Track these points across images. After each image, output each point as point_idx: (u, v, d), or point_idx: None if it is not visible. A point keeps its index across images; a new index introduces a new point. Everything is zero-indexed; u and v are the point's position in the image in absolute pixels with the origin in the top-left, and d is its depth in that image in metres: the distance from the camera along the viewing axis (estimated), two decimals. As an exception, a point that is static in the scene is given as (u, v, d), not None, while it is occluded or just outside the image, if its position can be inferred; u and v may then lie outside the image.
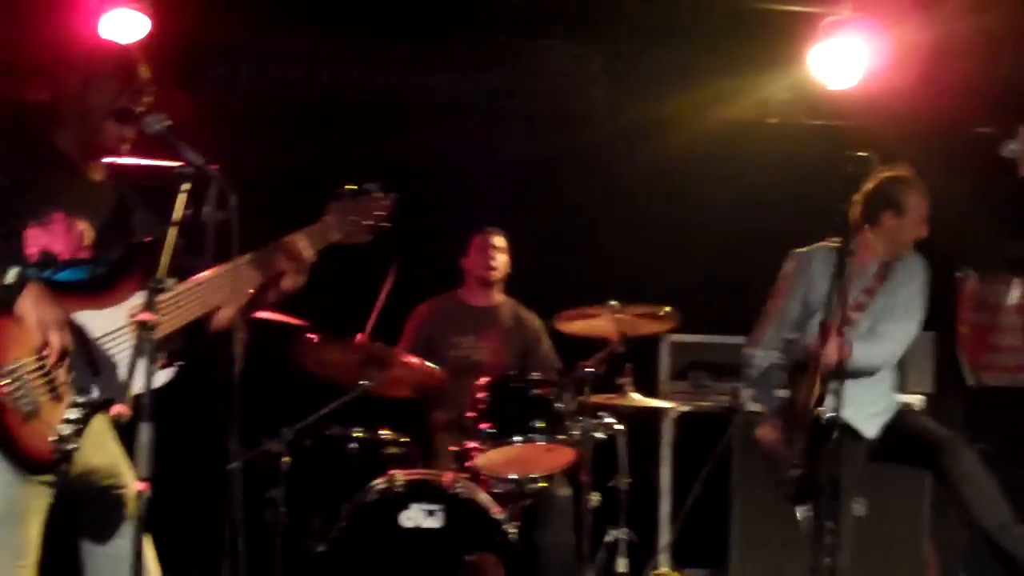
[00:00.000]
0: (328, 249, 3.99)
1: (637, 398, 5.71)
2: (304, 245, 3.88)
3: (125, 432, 3.41)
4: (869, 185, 5.25)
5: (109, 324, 3.59)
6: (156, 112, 3.67)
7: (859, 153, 4.55)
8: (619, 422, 5.64)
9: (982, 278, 7.52)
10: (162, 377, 3.57)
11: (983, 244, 7.48)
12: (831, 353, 4.67)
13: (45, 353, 3.42)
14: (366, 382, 5.35)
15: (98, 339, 3.57)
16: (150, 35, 6.20)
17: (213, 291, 3.73)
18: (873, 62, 6.62)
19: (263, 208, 6.42)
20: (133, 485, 3.62)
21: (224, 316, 3.86)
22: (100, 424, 3.63)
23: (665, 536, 6.61)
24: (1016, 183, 6.76)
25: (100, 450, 3.71)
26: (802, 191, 6.64)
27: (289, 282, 3.87)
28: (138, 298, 3.57)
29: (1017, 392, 7.39)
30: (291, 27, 7.31)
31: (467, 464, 5.36)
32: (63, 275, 3.63)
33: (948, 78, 6.95)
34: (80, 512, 3.73)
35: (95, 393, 3.54)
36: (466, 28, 7.32)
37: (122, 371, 3.48)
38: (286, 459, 5.23)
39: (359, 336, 5.55)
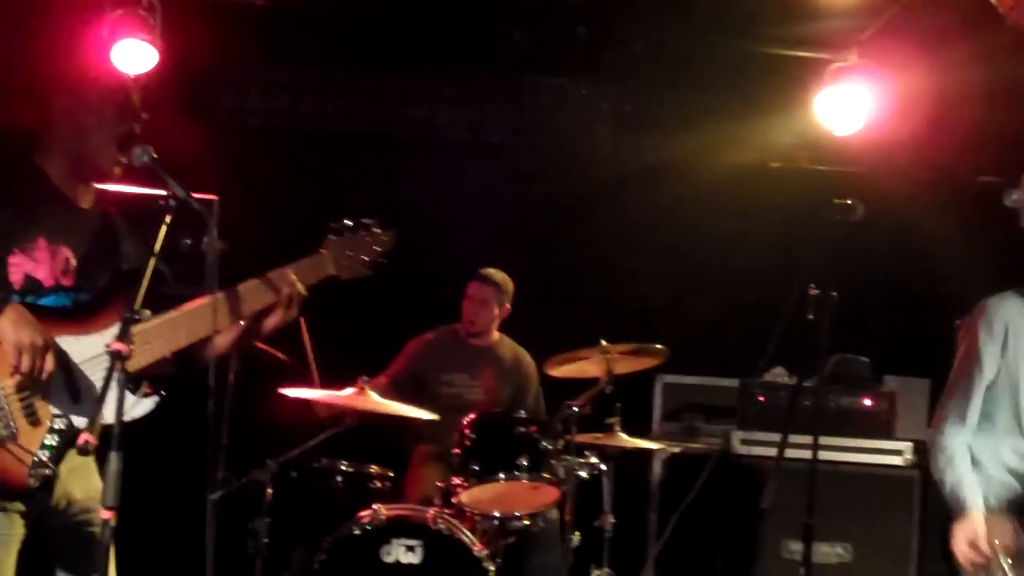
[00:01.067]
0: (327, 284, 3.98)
1: (624, 438, 5.71)
2: (295, 278, 3.84)
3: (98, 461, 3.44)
4: None
5: (90, 351, 3.62)
6: (143, 144, 3.69)
7: (845, 200, 4.53)
8: (605, 462, 5.64)
9: (980, 327, 7.49)
10: (144, 407, 3.61)
11: (982, 293, 7.45)
12: None
13: (19, 376, 3.44)
14: (352, 421, 5.37)
15: (79, 365, 3.60)
16: (160, 65, 6.28)
17: (197, 321, 3.71)
18: (877, 109, 6.62)
19: (267, 238, 6.58)
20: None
21: (221, 344, 3.88)
22: (85, 457, 3.65)
23: (649, 577, 6.60)
24: (1017, 233, 6.78)
25: (82, 482, 3.73)
26: (802, 236, 6.65)
27: (280, 315, 3.85)
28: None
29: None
30: (300, 59, 7.40)
31: (452, 500, 5.37)
32: (47, 300, 3.67)
33: (952, 127, 6.95)
34: (55, 543, 3.75)
35: (75, 419, 3.56)
36: (473, 64, 7.38)
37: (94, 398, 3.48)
38: (270, 490, 5.25)
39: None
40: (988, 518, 4.13)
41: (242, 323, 3.85)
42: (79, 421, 3.56)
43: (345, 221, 4.01)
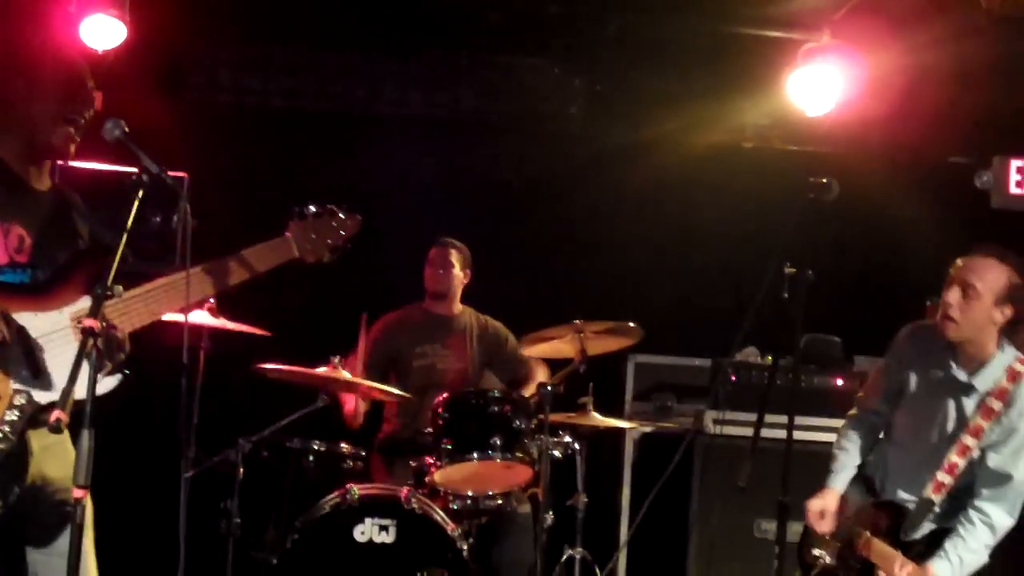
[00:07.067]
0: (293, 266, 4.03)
1: (597, 418, 5.71)
2: (258, 260, 3.90)
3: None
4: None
5: (50, 327, 3.59)
6: (114, 117, 3.65)
7: (821, 179, 4.52)
8: (578, 441, 5.64)
9: (951, 306, 7.53)
10: (107, 384, 3.57)
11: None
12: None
13: None
14: (325, 397, 5.35)
15: (37, 340, 3.57)
16: (130, 41, 6.22)
17: (162, 299, 3.72)
18: (849, 90, 6.64)
19: (237, 216, 6.53)
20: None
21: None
22: (59, 435, 3.63)
23: (622, 556, 6.60)
24: (988, 213, 6.81)
25: (56, 460, 3.69)
26: (775, 216, 6.66)
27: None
28: (82, 302, 3.60)
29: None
30: (271, 37, 7.34)
31: (425, 479, 5.36)
32: (4, 277, 3.65)
33: (923, 107, 6.98)
34: (28, 522, 3.70)
35: (35, 393, 3.53)
36: (446, 44, 7.34)
37: (61, 374, 3.43)
38: (242, 470, 5.22)
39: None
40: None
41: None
42: (39, 395, 3.54)
43: (310, 206, 4.07)
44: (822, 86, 6.63)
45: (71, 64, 3.86)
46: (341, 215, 4.10)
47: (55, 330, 3.59)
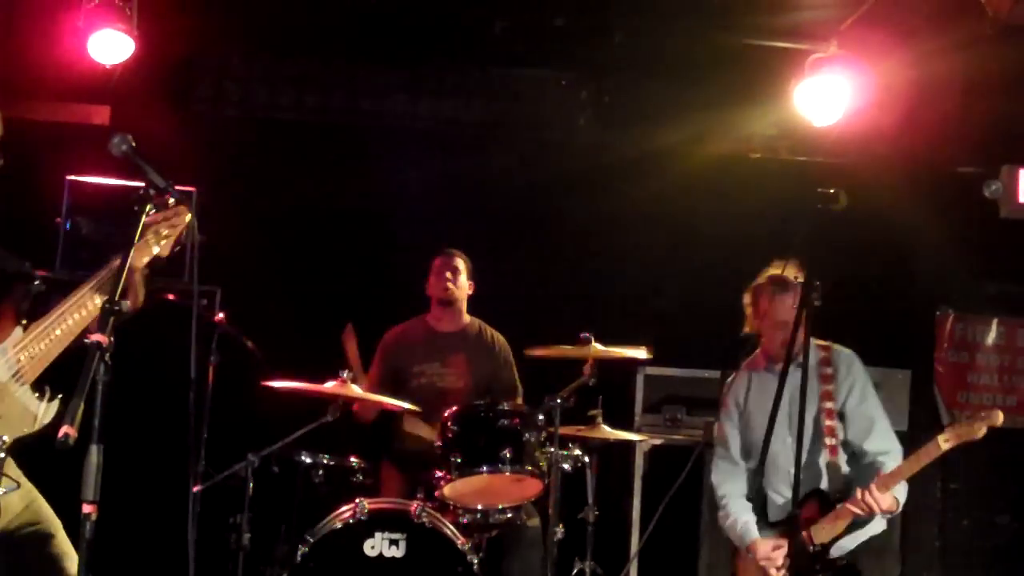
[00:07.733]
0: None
1: (607, 430, 5.69)
2: (140, 264, 3.87)
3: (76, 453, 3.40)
4: None
5: (2, 372, 3.65)
6: (121, 132, 3.65)
7: (829, 189, 4.51)
8: (588, 454, 5.62)
9: (960, 317, 7.53)
10: (52, 411, 3.68)
11: (963, 283, 7.49)
12: (880, 506, 4.77)
13: None
14: (335, 411, 5.33)
15: None
16: (138, 56, 6.25)
17: (69, 320, 3.75)
18: (856, 100, 6.63)
19: (245, 230, 6.54)
20: (51, 519, 3.68)
21: None
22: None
23: (633, 569, 6.58)
24: (996, 223, 6.79)
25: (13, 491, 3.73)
26: (781, 226, 6.66)
27: (132, 300, 3.84)
28: (17, 333, 3.69)
29: (992, 432, 7.37)
30: (279, 50, 7.35)
31: (435, 493, 5.34)
32: None
33: (931, 117, 6.97)
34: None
35: (3, 438, 3.59)
36: (453, 56, 7.35)
37: (23, 409, 3.58)
38: (252, 484, 5.21)
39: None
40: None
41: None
42: (6, 440, 3.61)
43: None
44: (829, 96, 6.63)
45: None
46: (172, 200, 3.78)
47: (9, 376, 3.66)
